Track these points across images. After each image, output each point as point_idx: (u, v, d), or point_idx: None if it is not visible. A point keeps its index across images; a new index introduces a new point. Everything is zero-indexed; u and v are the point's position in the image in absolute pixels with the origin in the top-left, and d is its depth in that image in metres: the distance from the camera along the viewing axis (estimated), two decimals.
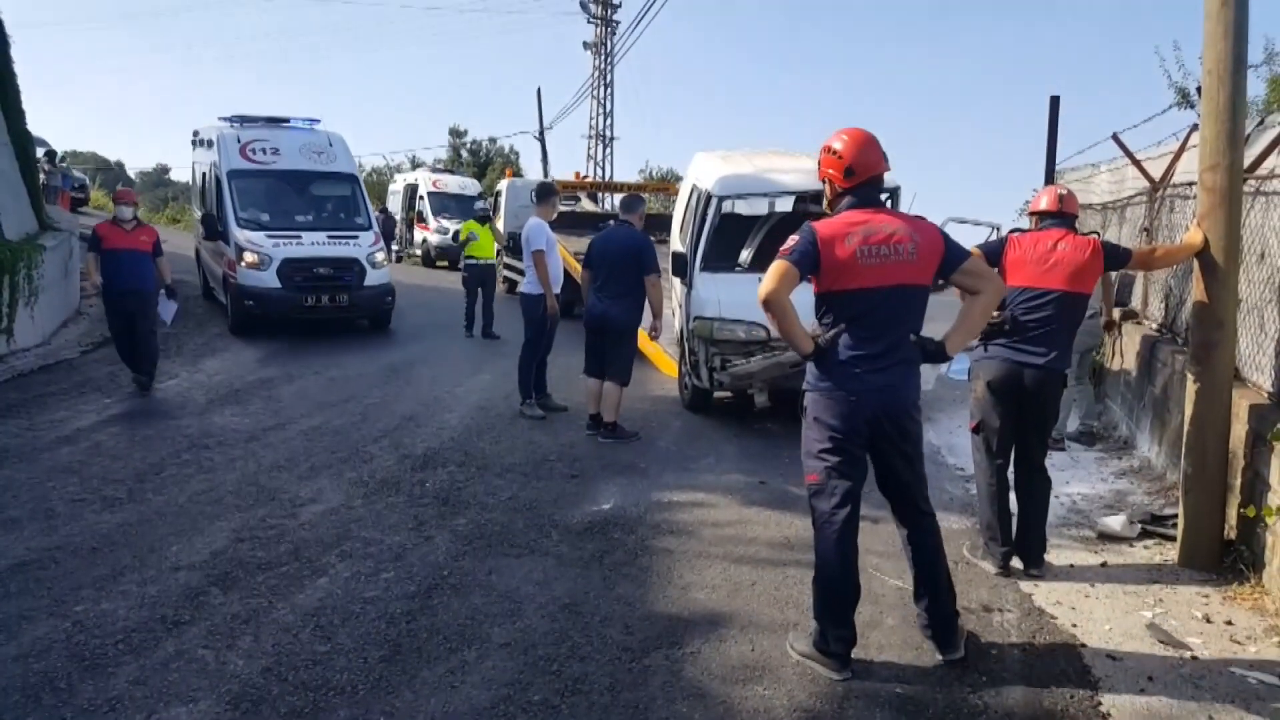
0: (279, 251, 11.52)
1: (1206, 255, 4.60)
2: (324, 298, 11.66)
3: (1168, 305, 6.94)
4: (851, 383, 3.48)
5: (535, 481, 6.02)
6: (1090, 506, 5.78)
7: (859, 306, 3.46)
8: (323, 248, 11.93)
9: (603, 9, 34.08)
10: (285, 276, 11.38)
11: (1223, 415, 4.65)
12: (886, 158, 3.59)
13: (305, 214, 12.56)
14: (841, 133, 3.59)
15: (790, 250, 3.43)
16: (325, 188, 13.16)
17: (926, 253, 3.47)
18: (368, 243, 12.31)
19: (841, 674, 3.53)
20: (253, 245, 11.53)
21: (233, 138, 12.64)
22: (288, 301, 11.47)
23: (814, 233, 3.44)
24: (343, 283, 11.73)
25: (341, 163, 13.15)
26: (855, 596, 3.63)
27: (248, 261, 11.41)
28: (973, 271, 3.57)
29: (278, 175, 12.67)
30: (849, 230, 3.44)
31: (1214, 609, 4.25)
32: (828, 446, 3.55)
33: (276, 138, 12.88)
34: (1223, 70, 4.48)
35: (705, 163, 9.62)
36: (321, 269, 11.66)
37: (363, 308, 12.13)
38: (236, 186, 12.18)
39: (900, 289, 3.47)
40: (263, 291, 11.43)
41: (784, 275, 3.40)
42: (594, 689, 3.39)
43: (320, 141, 13.10)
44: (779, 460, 6.66)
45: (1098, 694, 3.47)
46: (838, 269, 3.42)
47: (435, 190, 25.28)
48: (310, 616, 3.94)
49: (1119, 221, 9.08)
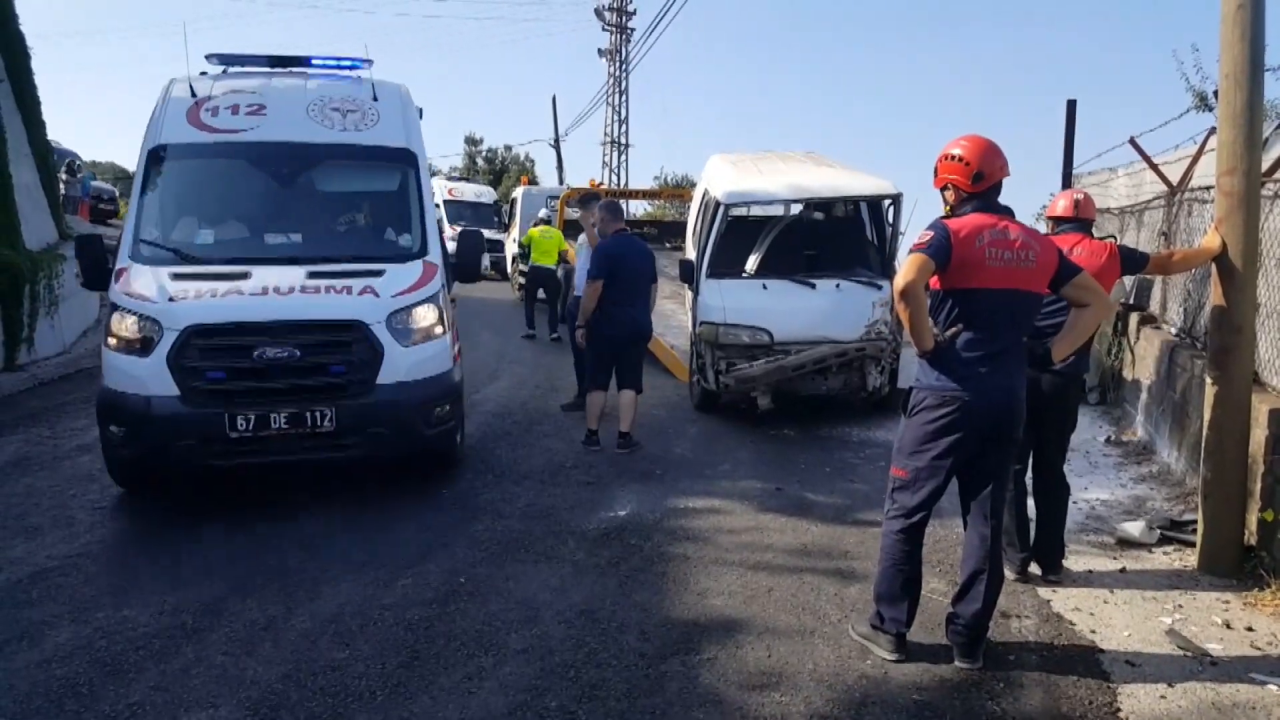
0: (181, 313, 5.34)
1: (1224, 259, 4.57)
2: (277, 417, 5.30)
3: (1186, 310, 6.90)
4: (970, 383, 3.53)
5: (552, 488, 6.03)
6: (1109, 512, 5.74)
7: (980, 306, 3.53)
8: (281, 302, 5.50)
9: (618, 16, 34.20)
10: (186, 370, 5.24)
11: (1242, 420, 4.62)
12: (1008, 164, 3.67)
13: (289, 230, 6.42)
14: (962, 139, 3.65)
15: (926, 244, 3.47)
16: (346, 178, 7.07)
17: (1044, 263, 3.58)
18: (400, 284, 5.87)
19: (894, 654, 3.70)
20: (128, 301, 5.49)
21: (184, 91, 6.60)
22: (188, 430, 5.23)
23: (947, 229, 3.50)
24: (319, 381, 5.45)
25: (386, 131, 6.74)
26: (915, 585, 3.75)
27: (113, 337, 5.46)
28: (1082, 285, 3.69)
29: (249, 154, 6.52)
30: (979, 230, 3.51)
31: (1234, 615, 4.21)
32: (929, 447, 3.60)
33: (268, 89, 6.82)
34: (1240, 74, 4.46)
35: (717, 168, 9.72)
36: (270, 349, 5.30)
37: (368, 435, 5.52)
38: (157, 177, 6.32)
39: (1020, 294, 3.57)
40: (135, 408, 5.24)
41: (921, 267, 3.45)
42: (611, 695, 3.40)
43: (354, 94, 6.88)
44: (795, 467, 6.65)
45: (1116, 700, 3.45)
46: (966, 267, 3.48)
47: (451, 199, 25.40)
48: (329, 623, 3.96)
49: (1136, 225, 9.03)
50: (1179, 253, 5.60)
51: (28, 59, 12.31)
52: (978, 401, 3.53)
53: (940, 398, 3.57)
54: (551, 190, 19.10)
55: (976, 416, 3.55)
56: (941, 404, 3.57)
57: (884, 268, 8.43)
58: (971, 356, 3.54)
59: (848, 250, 8.80)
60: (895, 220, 8.57)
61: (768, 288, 8.23)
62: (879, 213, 8.94)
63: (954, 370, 3.55)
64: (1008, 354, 3.59)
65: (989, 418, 3.57)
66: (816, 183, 8.77)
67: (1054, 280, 3.63)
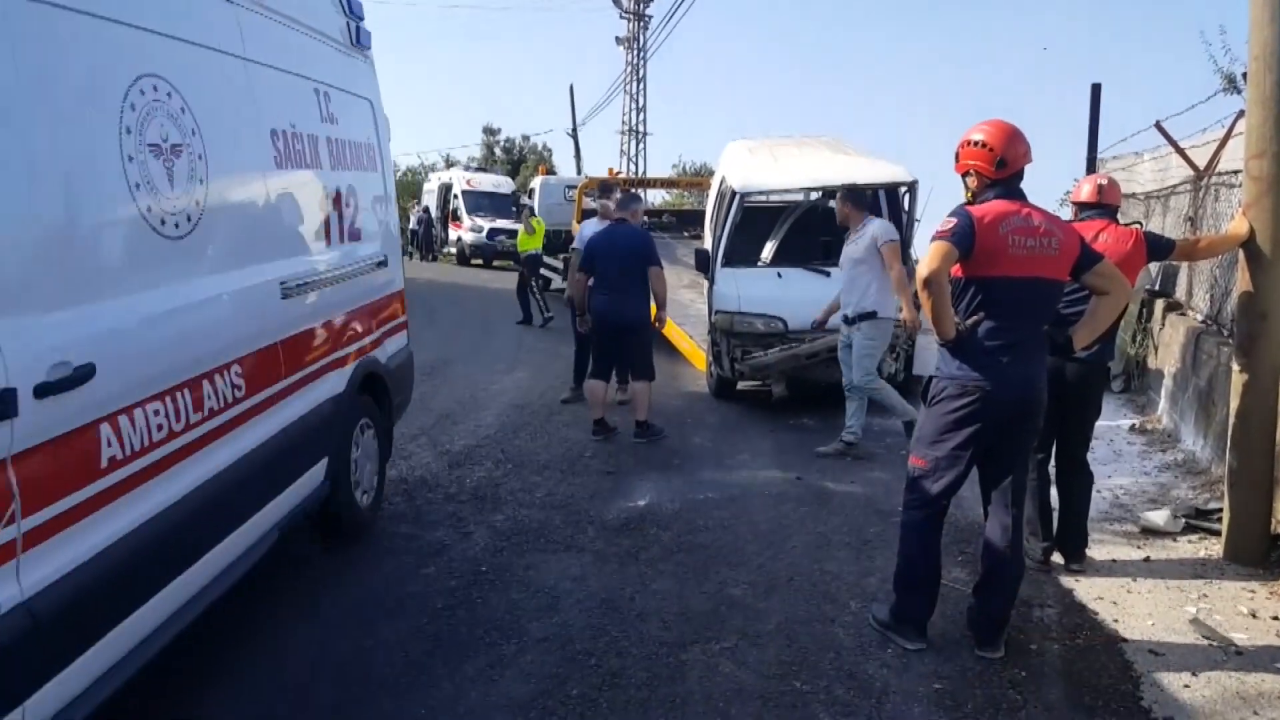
0: None
1: (1252, 245, 4.51)
2: None
3: (1213, 296, 6.81)
4: (992, 372, 3.51)
5: (571, 478, 6.05)
6: (1133, 501, 5.70)
7: (1002, 294, 3.51)
8: None
9: (635, 4, 34.07)
10: None
11: (1269, 408, 4.56)
12: (1030, 150, 3.63)
13: None
14: (984, 125, 3.62)
15: (949, 231, 3.45)
16: None
17: (1066, 250, 3.55)
18: None
19: (914, 644, 3.69)
20: None
21: None
22: None
23: (971, 216, 3.48)
24: None
25: None
26: (934, 575, 3.74)
27: None
28: (1103, 273, 3.64)
29: None
30: (1003, 218, 3.48)
31: (1260, 604, 4.18)
32: (949, 437, 3.59)
33: None
34: (1269, 55, 4.39)
35: (734, 155, 9.72)
36: None
37: None
38: None
39: (1042, 281, 3.54)
40: None
41: (945, 255, 3.43)
42: (632, 683, 3.41)
43: None
44: (814, 456, 6.63)
45: (1139, 689, 3.43)
46: (989, 254, 3.46)
47: (469, 189, 25.50)
48: (353, 610, 4.00)
49: (1162, 211, 8.93)
50: (1205, 239, 5.53)
51: None
52: (999, 391, 3.51)
53: (961, 387, 3.55)
54: (570, 180, 19.07)
55: (997, 406, 3.53)
56: (963, 394, 3.55)
57: (901, 255, 8.38)
58: (993, 345, 3.51)
59: None
60: (911, 208, 8.57)
61: (782, 276, 8.30)
62: (896, 200, 8.91)
63: (975, 359, 3.53)
64: (1029, 343, 3.57)
65: (1010, 408, 3.55)
66: (831, 172, 8.76)
67: (1075, 268, 3.59)
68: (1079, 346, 3.79)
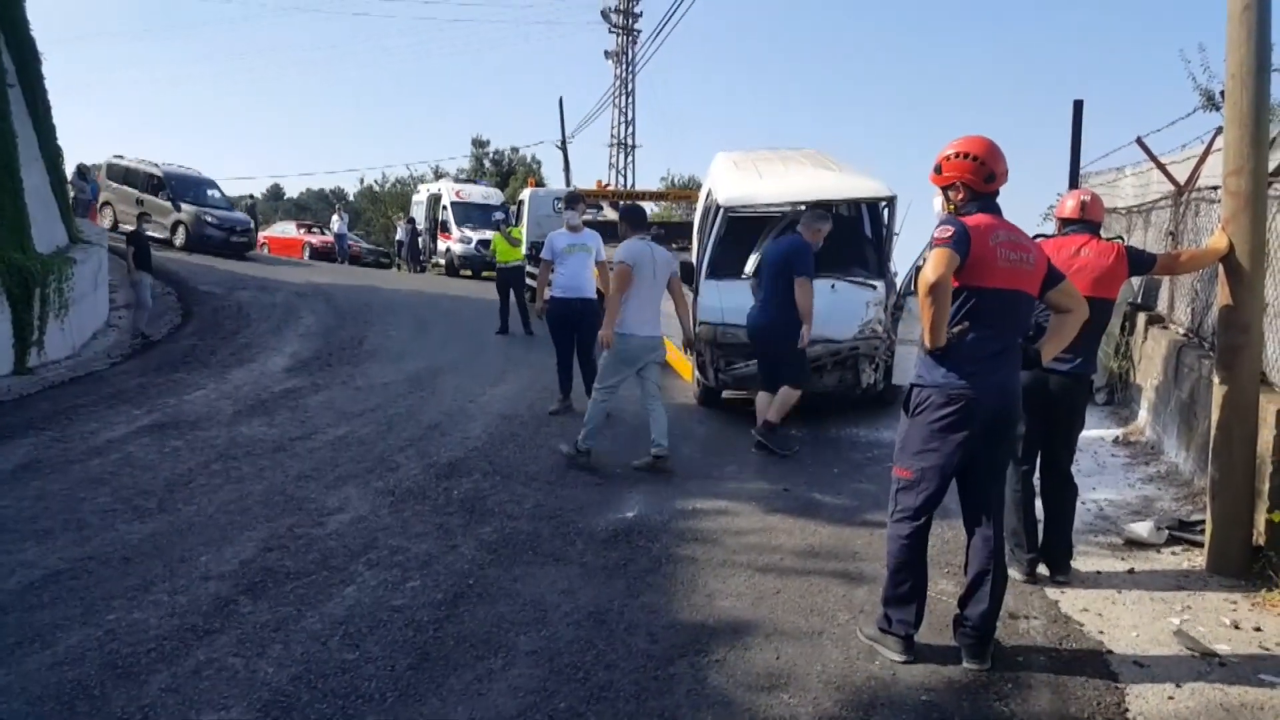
0: None
1: (1232, 259, 4.57)
2: None
3: (1194, 310, 6.89)
4: (977, 380, 3.55)
5: (559, 490, 6.05)
6: (1117, 513, 5.74)
7: (990, 305, 3.56)
8: None
9: (624, 18, 34.22)
10: None
11: (1250, 420, 4.61)
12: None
13: None
14: (970, 139, 3.68)
15: (949, 238, 3.48)
16: None
17: (1039, 267, 3.65)
18: None
19: (902, 656, 3.72)
20: None
21: None
22: None
23: (965, 225, 3.52)
24: None
25: None
26: (921, 586, 3.76)
27: None
28: (1067, 292, 3.77)
29: None
30: (991, 230, 3.55)
31: (1242, 615, 4.21)
32: (935, 446, 3.62)
33: None
34: (1245, 74, 4.47)
35: (720, 168, 9.85)
36: None
37: None
38: None
39: (1021, 295, 3.64)
40: None
41: (949, 261, 3.45)
42: (620, 696, 3.41)
43: None
44: (802, 468, 6.65)
45: (1124, 700, 3.46)
46: (980, 265, 3.52)
47: (458, 200, 25.45)
48: (338, 625, 3.98)
49: (1144, 225, 9.02)
50: (1186, 253, 5.59)
51: (38, 64, 12.39)
52: (985, 399, 3.55)
53: (946, 395, 3.58)
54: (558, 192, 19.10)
55: (982, 414, 3.56)
56: (948, 402, 3.58)
57: (880, 268, 8.64)
58: (979, 354, 3.56)
59: (844, 250, 8.86)
60: (890, 222, 8.72)
61: None
62: (876, 213, 9.05)
63: (961, 367, 3.56)
64: (1008, 353, 3.64)
65: (992, 415, 3.59)
66: (812, 186, 8.91)
67: (1042, 285, 3.68)
68: (1046, 359, 3.84)
